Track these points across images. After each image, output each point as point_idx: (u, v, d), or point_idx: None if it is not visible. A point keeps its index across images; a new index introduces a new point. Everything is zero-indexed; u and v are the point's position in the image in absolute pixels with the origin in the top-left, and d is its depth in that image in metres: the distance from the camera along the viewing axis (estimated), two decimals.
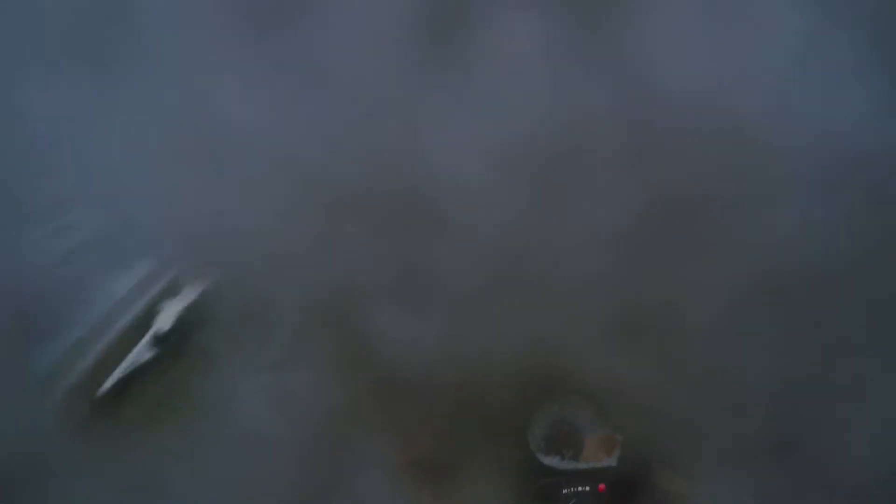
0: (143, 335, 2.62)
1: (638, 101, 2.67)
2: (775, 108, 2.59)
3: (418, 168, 2.65)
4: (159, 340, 2.63)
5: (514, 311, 2.60)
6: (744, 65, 2.63)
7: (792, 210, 2.59)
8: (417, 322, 2.58)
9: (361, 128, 2.72)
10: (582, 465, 2.59)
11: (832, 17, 2.57)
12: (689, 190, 2.66)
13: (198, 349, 2.65)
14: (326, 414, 2.44)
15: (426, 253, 2.63)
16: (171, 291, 2.76)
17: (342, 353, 2.61)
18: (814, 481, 2.34)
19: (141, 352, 2.60)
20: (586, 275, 2.59)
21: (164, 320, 2.66)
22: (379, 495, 2.43)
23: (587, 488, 2.52)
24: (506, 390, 2.60)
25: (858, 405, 2.39)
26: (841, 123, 2.54)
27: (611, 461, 2.58)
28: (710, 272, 2.54)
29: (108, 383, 2.51)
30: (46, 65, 2.61)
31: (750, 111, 2.59)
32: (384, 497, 2.42)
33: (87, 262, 2.67)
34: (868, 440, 2.33)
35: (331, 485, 2.38)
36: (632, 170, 2.66)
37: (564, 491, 2.52)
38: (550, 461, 2.60)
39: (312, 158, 2.69)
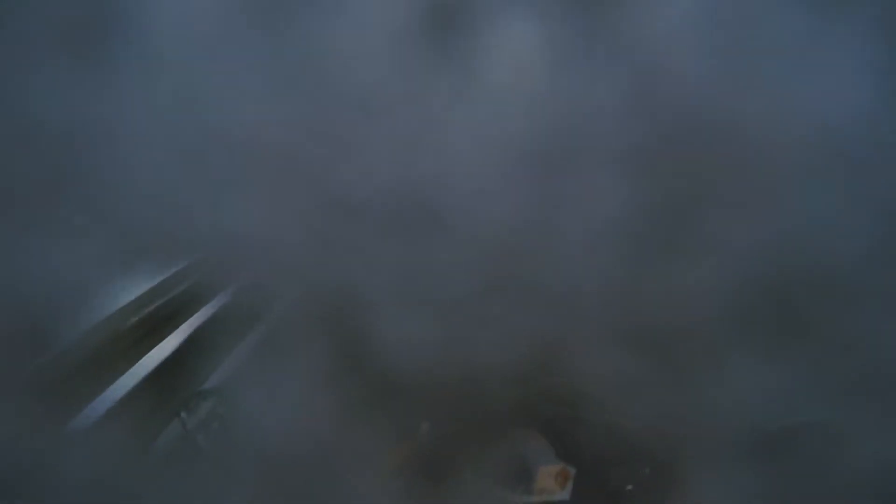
0: (141, 337, 2.61)
1: (638, 100, 2.65)
2: (777, 106, 2.56)
3: (418, 168, 2.65)
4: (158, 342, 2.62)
5: (513, 312, 2.58)
6: (745, 64, 2.61)
7: (795, 210, 2.57)
8: (416, 323, 2.55)
9: (361, 127, 2.72)
10: (535, 499, 2.49)
11: (834, 14, 2.57)
12: (691, 190, 2.66)
13: (196, 350, 2.64)
14: (324, 414, 2.43)
15: (425, 253, 2.62)
16: (168, 291, 2.76)
17: (340, 354, 2.59)
18: (814, 484, 2.33)
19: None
20: (587, 275, 2.57)
21: (162, 321, 2.65)
22: (376, 496, 2.40)
23: None
24: (505, 392, 2.59)
25: (859, 407, 2.37)
26: (845, 122, 2.53)
27: (563, 494, 2.49)
28: (711, 273, 2.53)
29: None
30: (44, 64, 2.58)
31: (752, 110, 2.56)
32: (381, 498, 2.41)
33: (87, 262, 2.64)
34: (869, 443, 2.30)
35: (328, 485, 2.37)
36: (632, 170, 2.64)
37: None
38: (501, 493, 2.50)
39: (311, 158, 2.68)
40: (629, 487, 2.50)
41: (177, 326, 2.74)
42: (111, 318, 2.59)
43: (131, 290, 2.73)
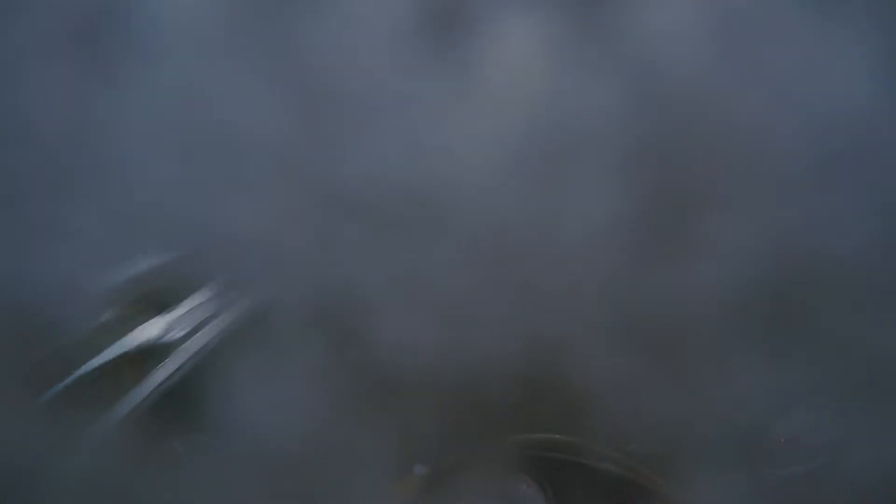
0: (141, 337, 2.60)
1: (638, 100, 2.62)
2: (778, 105, 2.55)
3: (418, 168, 2.62)
4: (156, 342, 2.61)
5: (513, 312, 2.55)
6: (745, 64, 2.59)
7: (795, 210, 2.54)
8: (416, 323, 2.52)
9: (361, 126, 2.69)
10: None
11: (836, 13, 2.55)
12: (691, 190, 2.64)
13: (197, 351, 2.63)
14: (324, 416, 2.42)
15: (425, 253, 2.58)
16: (169, 292, 2.75)
17: (339, 355, 2.58)
18: (812, 485, 2.33)
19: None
20: (587, 275, 2.56)
21: (162, 322, 2.64)
22: (376, 497, 2.41)
23: None
24: (505, 391, 2.58)
25: (858, 408, 2.37)
26: (844, 121, 2.50)
27: None
28: (711, 273, 2.49)
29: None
30: (45, 63, 2.55)
31: (753, 111, 2.55)
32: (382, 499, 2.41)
33: (85, 262, 2.61)
34: (867, 444, 2.31)
35: (329, 488, 2.37)
36: (632, 170, 2.61)
37: None
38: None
39: (311, 157, 2.65)
40: None
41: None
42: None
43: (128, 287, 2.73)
